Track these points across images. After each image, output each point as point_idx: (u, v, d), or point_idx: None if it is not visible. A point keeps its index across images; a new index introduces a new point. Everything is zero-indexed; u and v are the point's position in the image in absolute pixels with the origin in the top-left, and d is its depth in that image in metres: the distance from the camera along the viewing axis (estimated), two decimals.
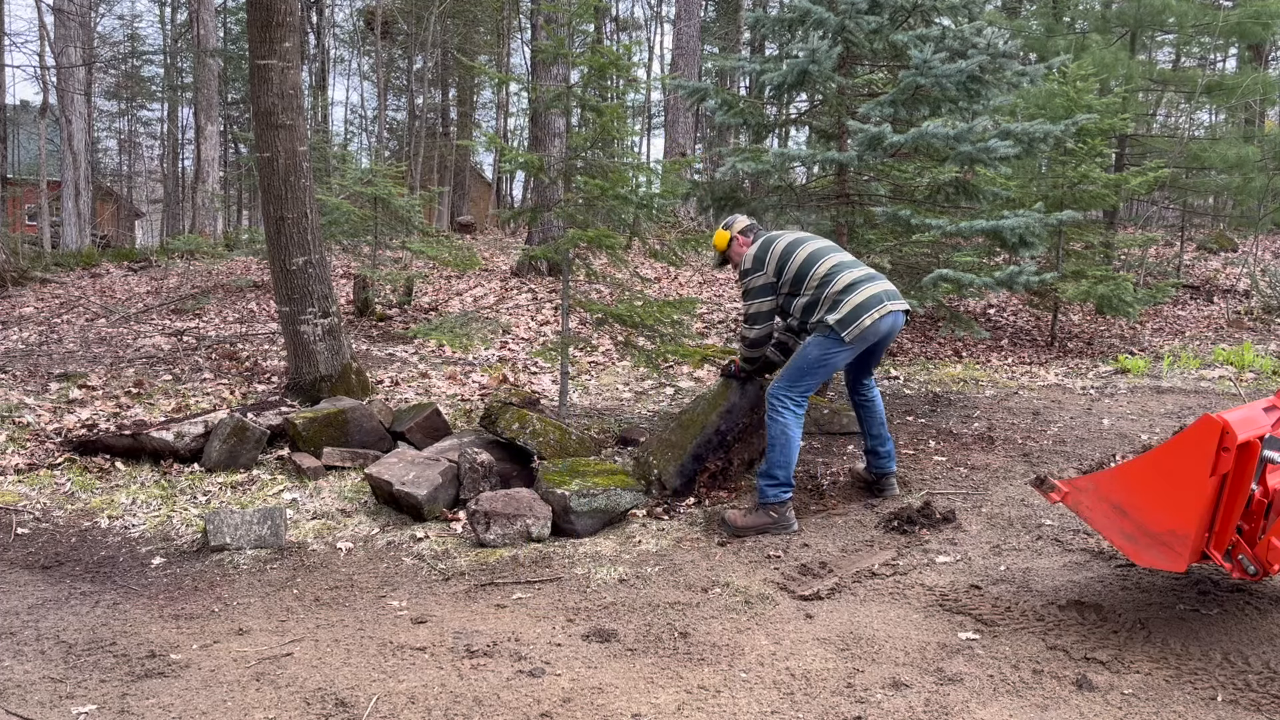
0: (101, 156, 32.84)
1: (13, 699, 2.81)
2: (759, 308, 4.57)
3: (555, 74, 11.02)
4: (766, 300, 4.56)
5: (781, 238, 4.63)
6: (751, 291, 4.57)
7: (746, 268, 4.58)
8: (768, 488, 4.31)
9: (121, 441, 5.42)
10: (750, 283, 4.56)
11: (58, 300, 10.51)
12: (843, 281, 4.36)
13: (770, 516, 4.29)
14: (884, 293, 4.37)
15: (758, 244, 4.63)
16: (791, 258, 4.50)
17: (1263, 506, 3.03)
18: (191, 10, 19.39)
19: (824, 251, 4.53)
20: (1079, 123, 6.96)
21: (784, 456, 4.30)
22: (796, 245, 4.55)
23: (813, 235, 4.72)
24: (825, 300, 4.36)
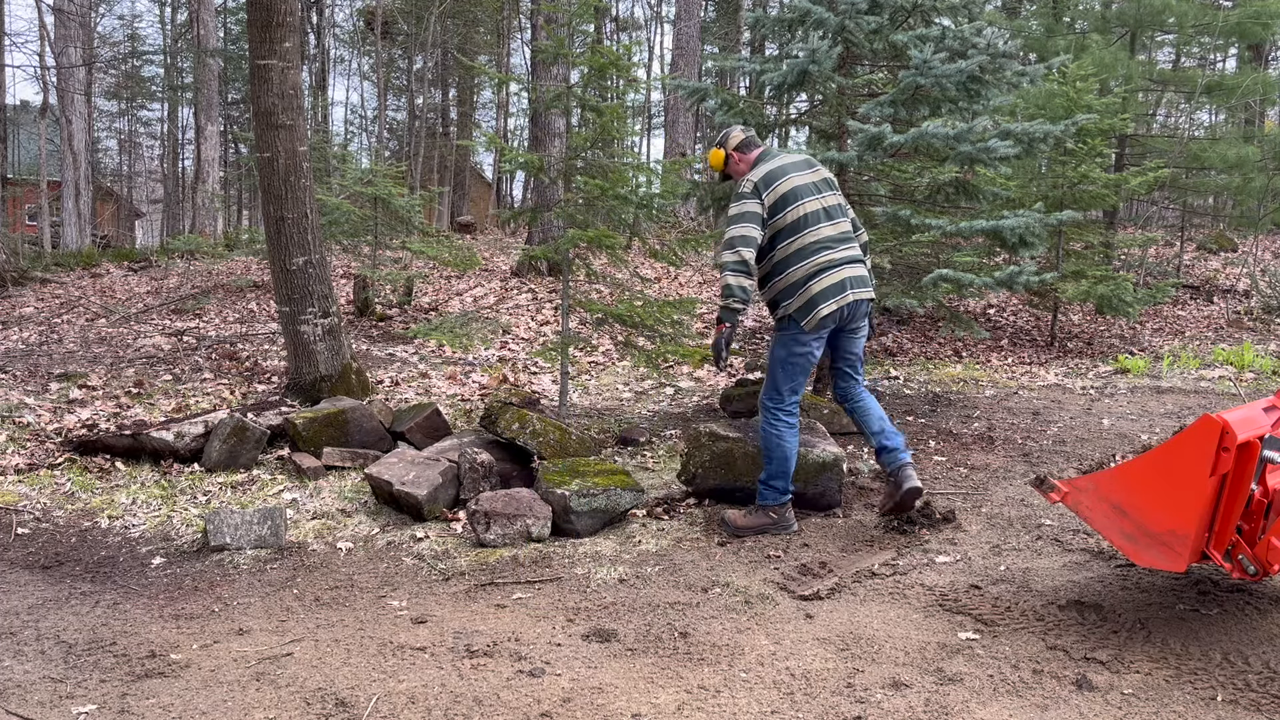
0: (101, 156, 32.85)
1: (13, 699, 2.81)
2: (736, 232, 4.13)
3: (555, 74, 11.02)
4: (752, 227, 4.13)
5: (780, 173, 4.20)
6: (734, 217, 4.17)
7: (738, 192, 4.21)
8: (767, 491, 4.29)
9: (121, 441, 5.42)
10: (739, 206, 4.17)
11: (58, 300, 10.51)
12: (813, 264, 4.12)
13: (770, 517, 4.26)
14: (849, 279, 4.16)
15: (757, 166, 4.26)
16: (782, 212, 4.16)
17: (1263, 506, 3.03)
18: (191, 10, 19.39)
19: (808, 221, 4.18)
20: (1079, 123, 6.96)
21: (781, 467, 4.24)
22: (791, 200, 4.17)
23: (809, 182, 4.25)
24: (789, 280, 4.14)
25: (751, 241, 4.11)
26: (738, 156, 4.43)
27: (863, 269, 4.28)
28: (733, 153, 4.43)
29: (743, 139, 4.44)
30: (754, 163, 4.35)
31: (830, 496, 4.61)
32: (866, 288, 4.26)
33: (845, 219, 4.33)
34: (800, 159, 4.35)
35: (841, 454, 4.68)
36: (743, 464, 4.62)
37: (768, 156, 4.33)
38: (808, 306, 4.13)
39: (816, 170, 4.33)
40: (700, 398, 7.43)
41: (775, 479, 4.25)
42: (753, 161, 4.37)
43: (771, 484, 4.27)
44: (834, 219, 4.26)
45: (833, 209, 4.28)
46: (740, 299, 4.15)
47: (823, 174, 4.35)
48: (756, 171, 4.23)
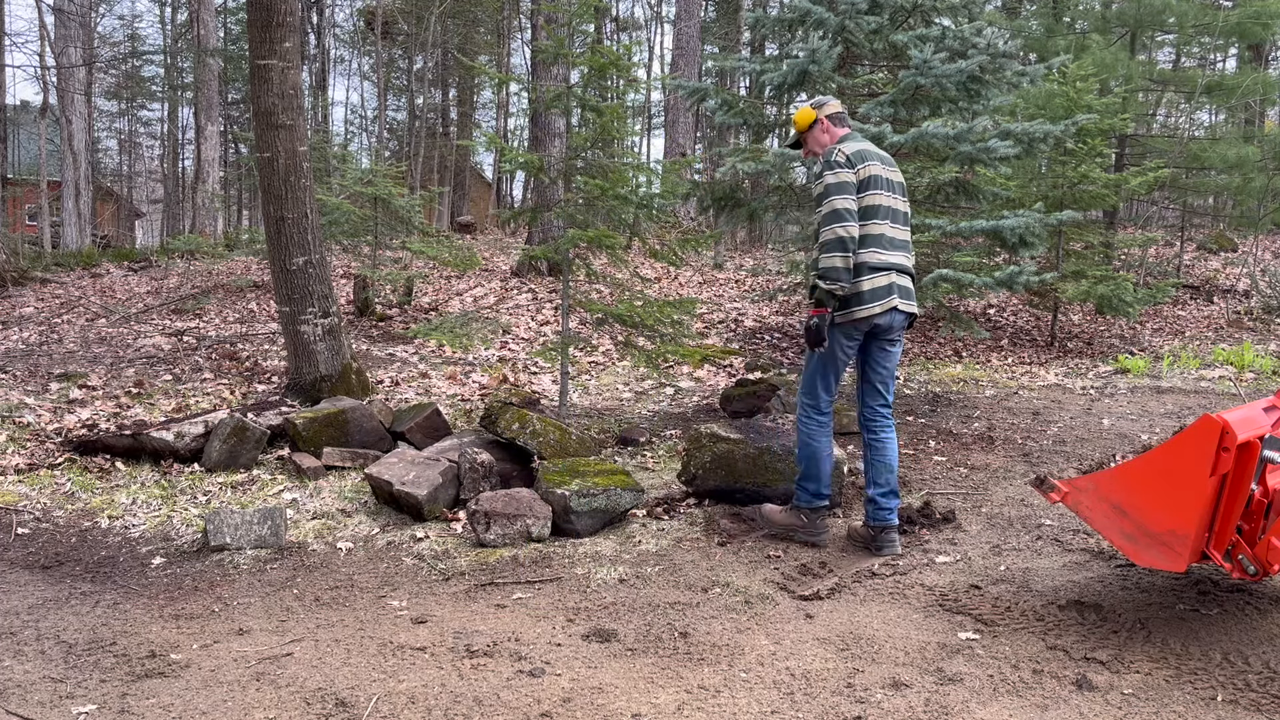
0: (101, 156, 32.84)
1: (13, 699, 2.81)
2: (843, 204, 3.83)
3: (555, 74, 11.02)
4: (852, 200, 3.85)
5: (870, 154, 3.98)
6: (833, 188, 3.86)
7: (831, 160, 3.92)
8: (800, 492, 4.15)
9: (121, 441, 5.42)
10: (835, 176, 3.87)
11: (58, 300, 10.51)
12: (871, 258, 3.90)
13: (800, 519, 4.13)
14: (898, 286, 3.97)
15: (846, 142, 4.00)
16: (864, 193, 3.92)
17: (1263, 506, 3.03)
18: (191, 10, 19.39)
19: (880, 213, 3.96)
20: (1079, 123, 6.97)
21: (813, 469, 4.08)
22: (873, 186, 3.94)
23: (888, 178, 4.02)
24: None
25: (854, 215, 3.84)
26: (825, 125, 4.12)
27: (911, 282, 4.08)
28: (824, 118, 4.11)
29: (839, 111, 4.16)
30: (840, 139, 4.06)
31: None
32: (913, 301, 4.06)
33: (908, 229, 4.14)
34: (885, 154, 4.13)
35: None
36: (743, 465, 4.62)
37: (856, 137, 4.10)
38: (851, 300, 3.90)
39: (895, 170, 4.12)
40: (700, 398, 7.43)
41: (807, 480, 4.12)
42: (839, 138, 4.09)
43: (803, 485, 4.14)
44: (899, 224, 4.06)
45: (900, 214, 4.07)
46: (845, 282, 3.85)
47: (899, 177, 4.14)
48: (848, 145, 3.96)
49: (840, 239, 3.81)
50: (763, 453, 4.61)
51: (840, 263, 3.82)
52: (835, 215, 3.82)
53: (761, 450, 4.62)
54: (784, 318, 10.57)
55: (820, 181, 3.93)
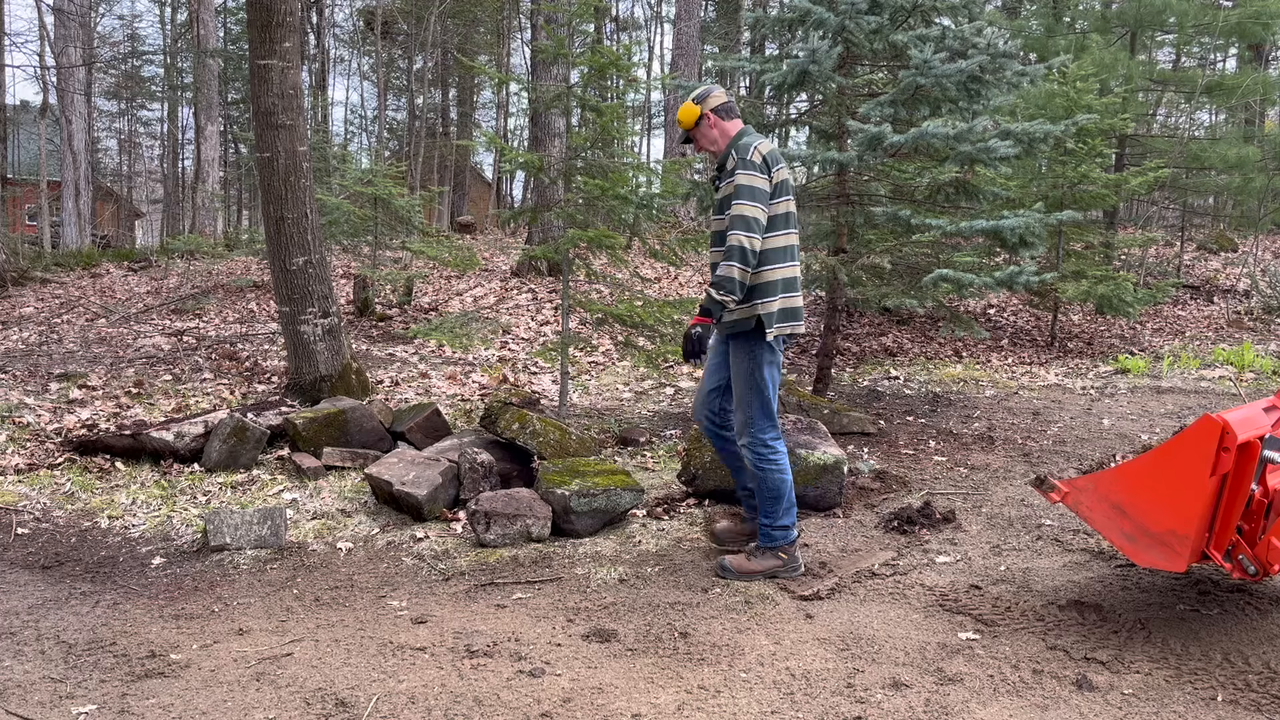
0: (101, 156, 32.84)
1: (13, 699, 2.81)
2: (755, 212, 3.53)
3: (555, 74, 11.01)
4: (763, 210, 3.56)
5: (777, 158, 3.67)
6: (746, 191, 3.54)
7: (747, 160, 3.58)
8: (777, 533, 3.77)
9: (121, 441, 5.42)
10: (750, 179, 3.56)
11: (58, 300, 10.51)
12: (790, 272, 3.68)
13: (780, 558, 3.77)
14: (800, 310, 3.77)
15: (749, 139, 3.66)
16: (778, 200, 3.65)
17: (1263, 506, 3.03)
18: (191, 10, 19.39)
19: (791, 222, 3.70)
20: (1079, 123, 6.97)
21: (789, 501, 3.76)
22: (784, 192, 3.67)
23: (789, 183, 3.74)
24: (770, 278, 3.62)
25: (762, 226, 3.55)
26: (712, 120, 3.74)
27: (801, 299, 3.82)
28: (709, 112, 3.73)
29: (725, 103, 3.75)
30: (736, 135, 3.71)
31: (830, 497, 4.61)
32: (801, 323, 3.81)
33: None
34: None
35: (843, 455, 4.68)
36: None
37: (752, 132, 3.76)
38: (781, 315, 3.66)
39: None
40: None
41: (783, 519, 3.74)
42: (732, 134, 3.74)
43: (779, 526, 3.74)
44: (797, 231, 3.80)
45: (796, 220, 3.80)
46: (738, 297, 3.59)
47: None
48: (761, 144, 3.63)
49: (743, 249, 3.52)
50: None
51: (739, 275, 3.53)
52: (745, 223, 3.53)
53: None
54: None
55: (731, 180, 3.60)
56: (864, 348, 9.62)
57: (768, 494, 3.75)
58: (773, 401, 3.72)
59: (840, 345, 9.23)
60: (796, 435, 4.81)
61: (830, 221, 6.95)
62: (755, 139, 3.66)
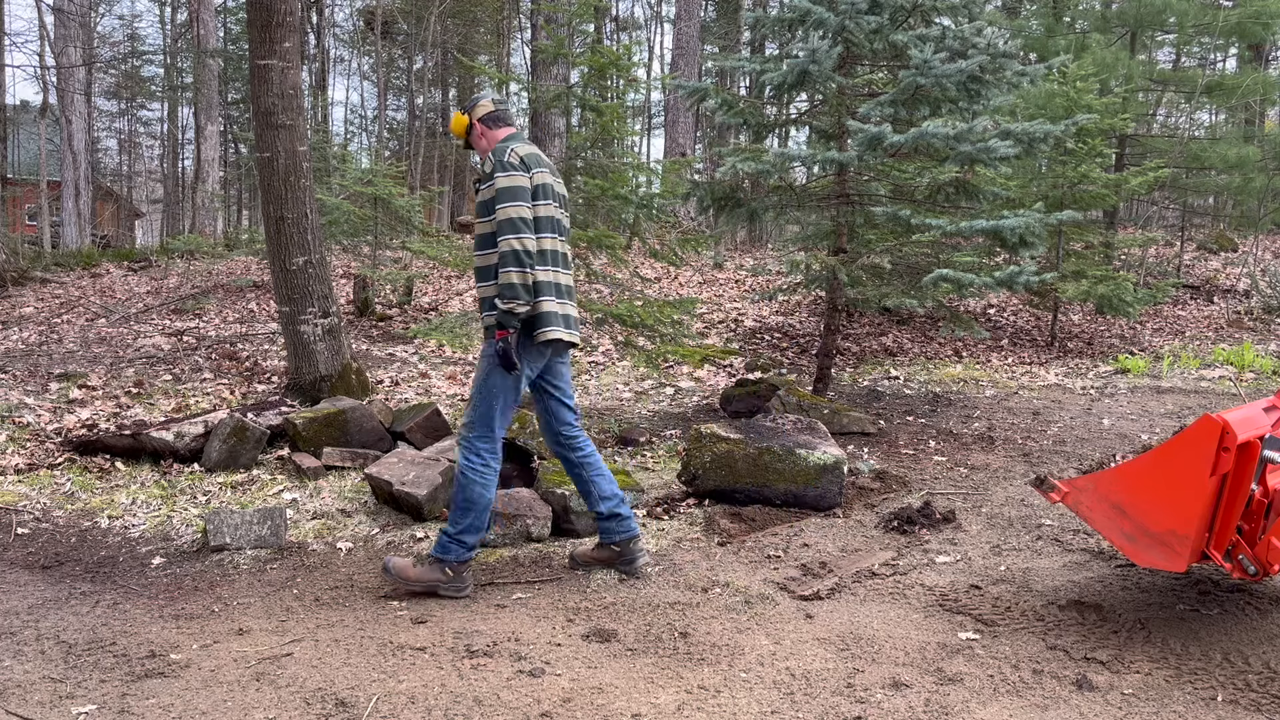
0: (101, 156, 32.84)
1: (13, 699, 2.81)
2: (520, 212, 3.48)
3: (555, 74, 11.02)
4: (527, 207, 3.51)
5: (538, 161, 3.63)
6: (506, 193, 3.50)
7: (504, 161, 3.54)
8: (453, 545, 3.60)
9: (121, 441, 5.42)
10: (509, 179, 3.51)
11: (58, 300, 10.51)
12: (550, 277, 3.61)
13: (445, 574, 3.60)
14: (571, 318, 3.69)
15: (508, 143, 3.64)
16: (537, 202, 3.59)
17: (1263, 506, 3.03)
18: (191, 10, 19.38)
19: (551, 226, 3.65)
20: (1079, 123, 6.96)
21: (480, 518, 3.63)
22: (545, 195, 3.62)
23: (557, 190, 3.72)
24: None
25: (530, 225, 3.48)
26: (481, 130, 3.77)
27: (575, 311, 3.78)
28: (476, 121, 3.76)
29: (493, 111, 3.78)
30: (502, 141, 3.70)
31: (830, 498, 4.61)
32: (577, 333, 3.74)
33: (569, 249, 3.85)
34: (550, 163, 3.78)
35: (843, 456, 4.68)
36: (743, 465, 4.62)
37: (522, 138, 3.75)
38: (539, 320, 3.56)
39: (561, 183, 3.84)
40: (700, 398, 7.43)
41: (465, 534, 3.59)
42: (499, 140, 3.74)
43: (457, 538, 3.59)
44: (566, 237, 3.79)
45: (566, 229, 3.81)
46: (525, 300, 3.48)
47: (564, 189, 3.88)
48: (520, 146, 3.61)
49: (516, 252, 3.45)
50: (763, 453, 4.62)
51: (518, 278, 3.45)
52: (511, 224, 3.46)
53: (761, 450, 4.62)
54: (784, 318, 10.57)
55: (491, 184, 3.54)
56: (864, 348, 9.63)
57: (460, 502, 3.60)
58: (497, 415, 3.60)
59: (840, 345, 9.23)
60: (796, 435, 4.81)
61: (830, 221, 6.95)
62: (516, 143, 3.64)
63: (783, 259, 10.23)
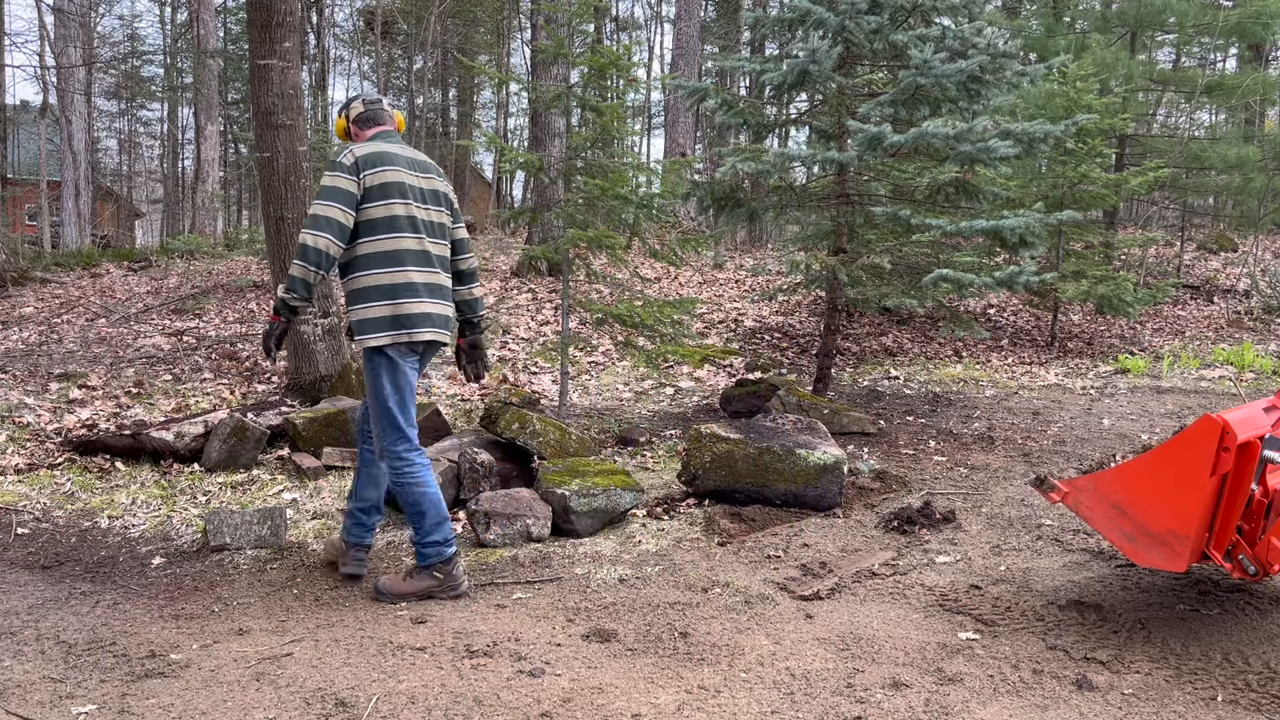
0: (101, 156, 32.84)
1: (13, 699, 2.81)
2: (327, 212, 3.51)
3: (555, 74, 11.01)
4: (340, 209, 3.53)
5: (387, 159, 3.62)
6: (322, 192, 3.55)
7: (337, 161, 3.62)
8: (428, 550, 3.64)
9: (121, 441, 5.42)
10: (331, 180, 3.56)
11: (58, 300, 10.50)
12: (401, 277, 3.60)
13: (435, 578, 3.65)
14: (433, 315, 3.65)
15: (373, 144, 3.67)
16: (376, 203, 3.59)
17: (1263, 506, 3.03)
18: (191, 10, 19.38)
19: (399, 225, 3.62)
20: (1079, 123, 6.96)
21: (437, 517, 3.63)
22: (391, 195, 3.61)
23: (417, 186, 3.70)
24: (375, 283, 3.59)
25: (335, 226, 3.50)
26: (355, 131, 3.84)
27: (448, 308, 3.74)
28: (351, 125, 3.85)
29: (362, 113, 3.84)
30: (368, 140, 3.77)
31: (830, 498, 4.61)
32: (445, 331, 3.71)
33: (443, 244, 3.80)
34: (420, 159, 3.80)
35: (843, 455, 4.68)
36: (743, 465, 4.62)
37: (387, 137, 3.78)
38: (394, 322, 3.58)
39: (433, 179, 3.79)
40: (700, 398, 7.43)
41: (433, 534, 3.62)
42: (365, 140, 3.79)
43: (430, 541, 3.62)
44: (435, 237, 3.74)
45: (436, 227, 3.76)
46: (303, 295, 3.55)
47: (439, 186, 3.81)
48: (365, 146, 3.64)
49: (304, 247, 3.49)
50: (763, 453, 4.62)
51: (299, 273, 3.51)
52: (313, 221, 3.50)
53: (761, 450, 4.62)
54: (784, 318, 10.57)
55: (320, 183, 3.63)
56: (864, 348, 9.63)
57: (410, 510, 3.62)
58: (398, 413, 3.60)
59: (840, 345, 9.23)
60: (796, 435, 4.81)
61: (830, 221, 6.95)
62: (366, 144, 3.66)
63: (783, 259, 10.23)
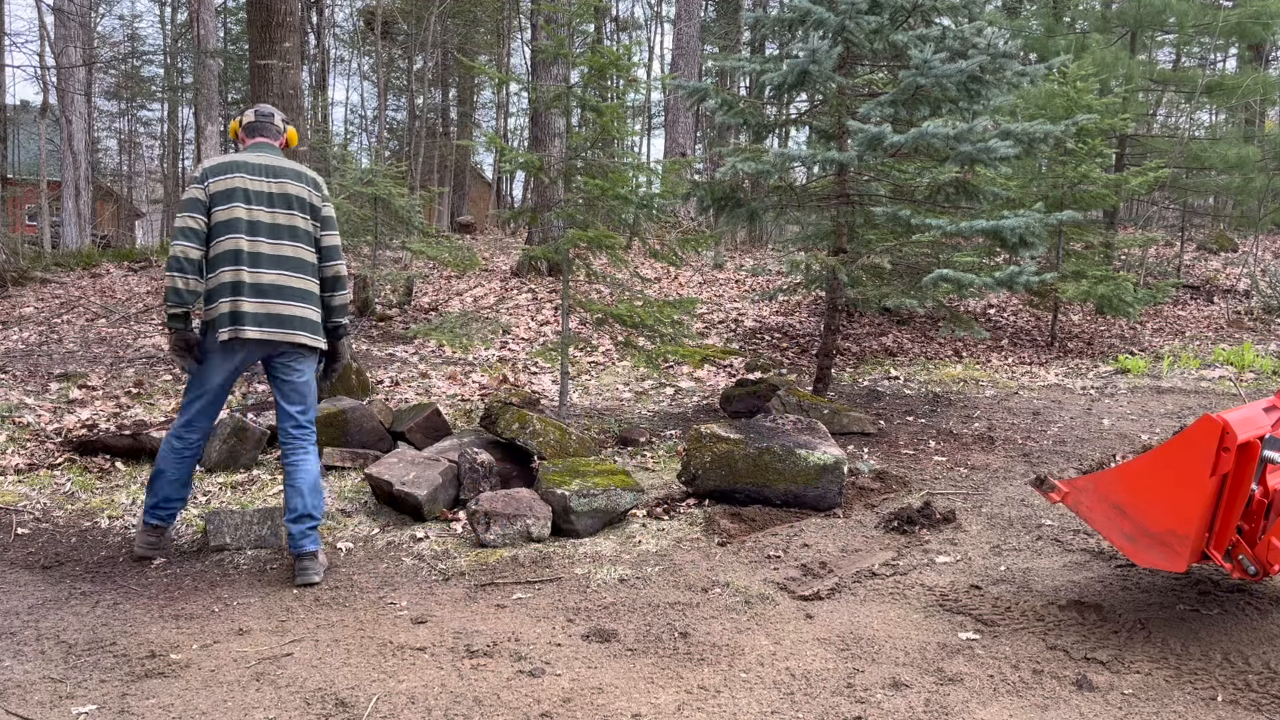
0: (101, 156, 32.83)
1: (13, 699, 2.81)
2: (182, 223, 3.76)
3: (555, 74, 11.02)
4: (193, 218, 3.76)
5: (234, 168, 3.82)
6: (180, 204, 3.81)
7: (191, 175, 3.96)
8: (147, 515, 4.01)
9: (121, 441, 5.42)
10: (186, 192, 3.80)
11: (58, 300, 10.50)
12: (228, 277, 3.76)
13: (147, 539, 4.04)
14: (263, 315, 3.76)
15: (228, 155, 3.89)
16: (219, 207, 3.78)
17: (1263, 506, 3.03)
18: (191, 10, 19.37)
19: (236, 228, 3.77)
20: (1079, 123, 6.96)
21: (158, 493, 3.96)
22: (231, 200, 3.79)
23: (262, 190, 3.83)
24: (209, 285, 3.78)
25: (189, 233, 3.73)
26: (242, 136, 4.07)
27: (295, 308, 3.82)
28: (241, 129, 4.08)
29: (251, 121, 4.06)
30: (243, 149, 3.98)
31: (830, 498, 4.61)
32: (290, 331, 3.80)
33: (299, 246, 3.88)
34: (278, 166, 3.90)
35: (843, 456, 4.68)
36: (743, 465, 4.62)
37: (256, 149, 3.95)
38: (229, 319, 3.74)
39: (284, 183, 3.88)
40: (700, 398, 7.43)
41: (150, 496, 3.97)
42: (244, 148, 4.00)
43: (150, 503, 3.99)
44: (279, 239, 3.83)
45: (284, 229, 3.85)
46: (177, 302, 3.75)
47: (293, 190, 3.90)
48: (218, 158, 3.84)
49: (174, 258, 3.73)
50: (763, 453, 4.62)
51: (169, 282, 3.74)
52: (176, 232, 3.75)
53: (761, 450, 4.62)
54: (784, 318, 10.57)
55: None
56: (864, 348, 9.63)
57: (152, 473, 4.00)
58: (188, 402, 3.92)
59: (840, 345, 9.23)
60: (796, 435, 4.81)
61: (830, 221, 6.95)
62: (217, 157, 3.91)
63: (783, 259, 10.24)
